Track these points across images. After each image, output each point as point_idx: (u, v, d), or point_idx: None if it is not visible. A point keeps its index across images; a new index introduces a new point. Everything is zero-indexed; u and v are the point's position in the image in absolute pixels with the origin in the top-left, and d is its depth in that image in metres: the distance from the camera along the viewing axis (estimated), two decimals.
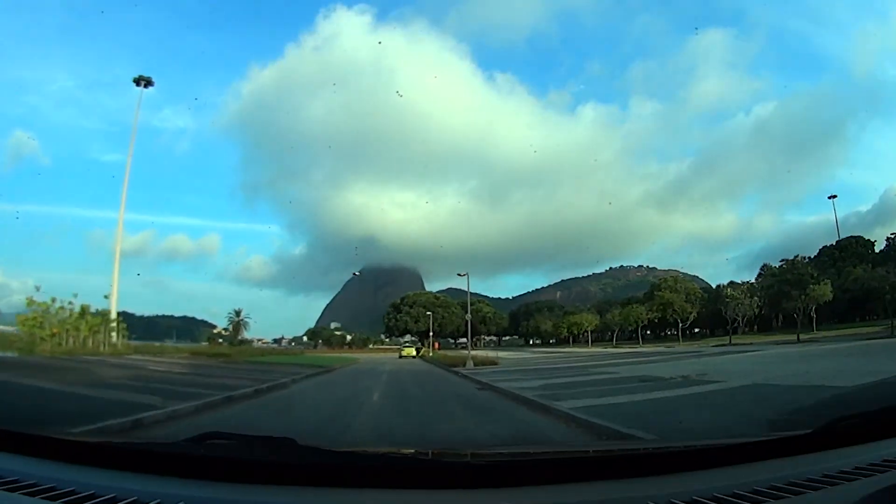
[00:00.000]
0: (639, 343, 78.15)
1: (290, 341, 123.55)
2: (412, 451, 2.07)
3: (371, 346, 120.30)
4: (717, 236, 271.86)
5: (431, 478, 1.36)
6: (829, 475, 1.34)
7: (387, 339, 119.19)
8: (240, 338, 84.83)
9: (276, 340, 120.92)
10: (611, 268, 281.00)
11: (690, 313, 76.15)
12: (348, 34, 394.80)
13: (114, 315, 28.34)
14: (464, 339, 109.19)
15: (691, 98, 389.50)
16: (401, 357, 51.10)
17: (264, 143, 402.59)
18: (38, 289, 24.27)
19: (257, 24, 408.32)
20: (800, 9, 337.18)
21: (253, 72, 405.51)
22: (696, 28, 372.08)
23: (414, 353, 55.87)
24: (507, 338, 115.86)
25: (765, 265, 75.92)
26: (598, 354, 38.08)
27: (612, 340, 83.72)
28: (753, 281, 70.53)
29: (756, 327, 70.60)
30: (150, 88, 41.43)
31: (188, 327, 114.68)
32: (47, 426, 3.92)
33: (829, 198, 72.06)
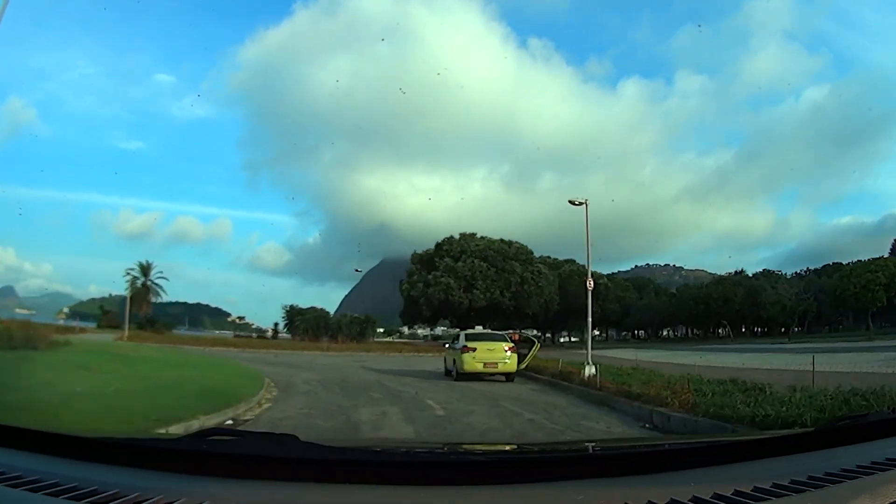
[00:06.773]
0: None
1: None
2: (416, 447, 2.07)
3: (379, 337, 69.88)
4: (750, 235, 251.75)
5: (435, 474, 1.35)
6: (831, 473, 1.32)
7: (406, 330, 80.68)
8: (145, 313, 51.38)
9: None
10: (636, 266, 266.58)
11: None
12: None
13: None
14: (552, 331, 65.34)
15: (741, 74, 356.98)
16: (458, 374, 15.55)
17: (278, 124, 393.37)
18: None
19: None
20: None
21: (260, 40, 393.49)
22: None
23: (507, 357, 15.60)
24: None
25: None
26: None
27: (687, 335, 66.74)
28: None
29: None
30: (169, 77, 33.23)
31: (199, 315, 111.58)
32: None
33: None
